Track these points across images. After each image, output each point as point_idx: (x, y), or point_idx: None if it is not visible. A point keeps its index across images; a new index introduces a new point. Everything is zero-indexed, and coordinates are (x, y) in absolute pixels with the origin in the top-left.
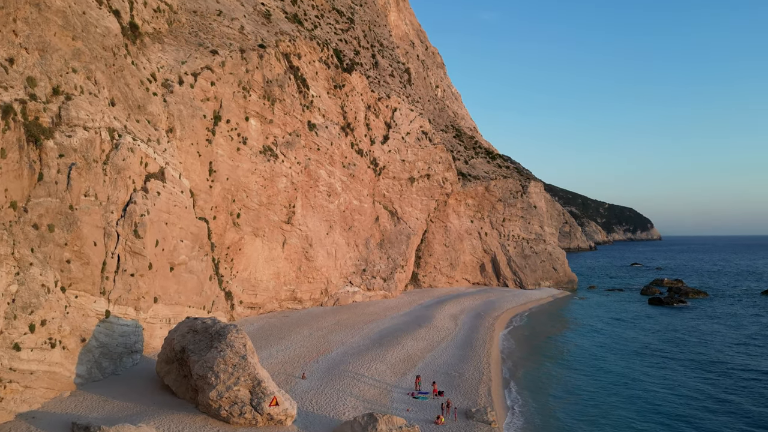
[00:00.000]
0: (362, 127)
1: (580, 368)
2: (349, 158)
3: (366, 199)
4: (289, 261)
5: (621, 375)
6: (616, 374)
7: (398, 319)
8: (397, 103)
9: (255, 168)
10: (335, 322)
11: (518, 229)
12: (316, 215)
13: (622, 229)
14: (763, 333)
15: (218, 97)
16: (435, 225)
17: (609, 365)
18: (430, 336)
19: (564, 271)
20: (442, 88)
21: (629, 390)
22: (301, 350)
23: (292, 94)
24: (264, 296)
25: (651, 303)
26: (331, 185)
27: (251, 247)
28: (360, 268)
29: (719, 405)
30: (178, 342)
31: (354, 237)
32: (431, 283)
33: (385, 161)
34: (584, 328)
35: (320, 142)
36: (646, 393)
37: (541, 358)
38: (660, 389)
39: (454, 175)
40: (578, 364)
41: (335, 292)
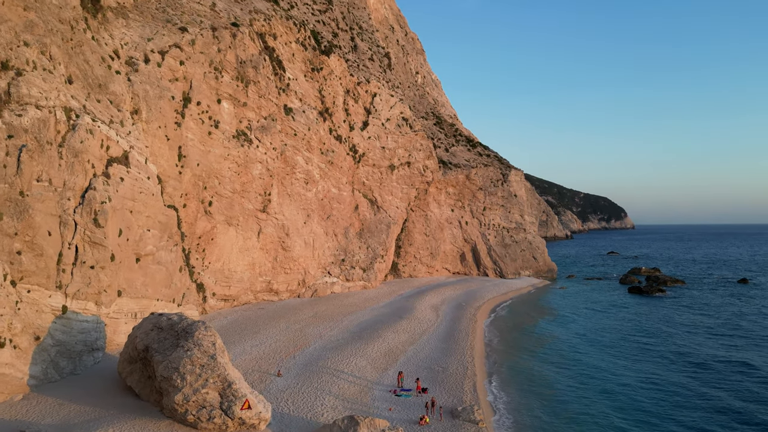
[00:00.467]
0: (341, 113)
1: (563, 362)
2: (328, 144)
3: (345, 187)
4: (265, 251)
5: (602, 369)
6: (598, 368)
7: (378, 310)
8: (377, 88)
9: (228, 153)
10: (313, 314)
11: (498, 218)
12: (293, 203)
13: (596, 218)
14: (741, 324)
15: (188, 78)
16: (415, 214)
17: (591, 358)
18: (412, 328)
19: (544, 260)
20: (422, 74)
21: (612, 384)
22: (277, 345)
23: (267, 76)
24: (238, 288)
25: (630, 292)
26: (308, 172)
27: (224, 236)
28: (339, 258)
29: (702, 400)
30: (141, 340)
31: (332, 226)
32: (411, 273)
33: (365, 148)
34: (565, 319)
35: (297, 127)
36: (628, 388)
37: (525, 351)
38: (642, 384)
39: (434, 163)
40: (561, 358)
41: (313, 283)
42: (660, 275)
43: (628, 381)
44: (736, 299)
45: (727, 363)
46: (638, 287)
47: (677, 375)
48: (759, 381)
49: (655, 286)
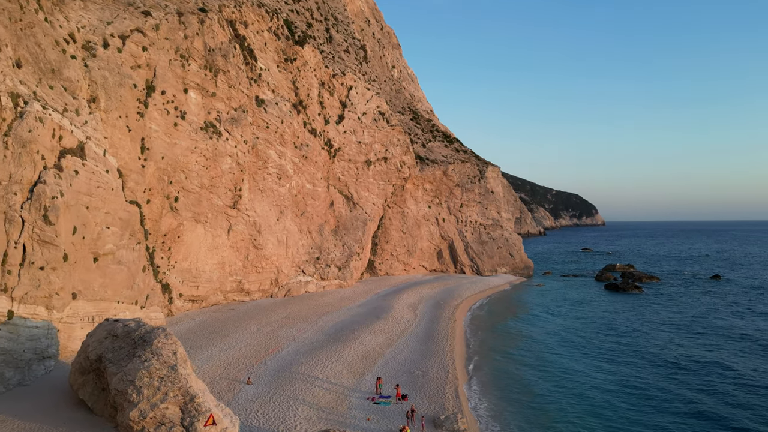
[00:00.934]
0: (315, 105)
1: (542, 364)
2: (302, 138)
3: (320, 182)
4: (235, 249)
5: (581, 372)
6: (577, 371)
7: (354, 310)
8: (353, 81)
9: (195, 146)
10: (286, 315)
11: (475, 215)
12: (266, 199)
13: (568, 214)
14: (717, 323)
15: (151, 65)
16: (392, 210)
17: (570, 361)
18: (390, 329)
19: (520, 257)
20: (399, 68)
21: (590, 388)
22: (248, 349)
23: (238, 65)
24: (207, 288)
25: (607, 289)
26: (281, 167)
27: (192, 234)
28: (313, 257)
29: (681, 404)
30: (93, 349)
31: (307, 223)
32: (388, 271)
33: (341, 142)
34: (543, 318)
35: (269, 119)
36: (607, 393)
37: (505, 353)
38: (620, 387)
39: (412, 158)
40: (541, 360)
41: (286, 282)
42: (635, 272)
43: (606, 385)
44: (710, 296)
45: (704, 364)
46: (615, 284)
47: (655, 377)
48: (736, 383)
49: (631, 283)
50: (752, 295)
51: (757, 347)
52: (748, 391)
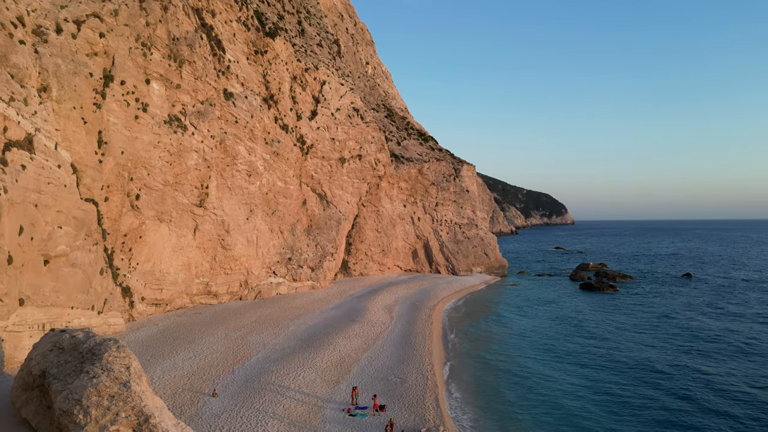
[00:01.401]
0: (287, 100)
1: (521, 371)
2: (273, 134)
3: (292, 180)
4: (202, 250)
5: (559, 379)
6: (554, 379)
7: (328, 313)
8: (326, 75)
9: (158, 140)
10: (256, 319)
11: (451, 214)
12: (234, 198)
13: (539, 213)
14: (692, 324)
15: (110, 53)
16: (367, 209)
17: (548, 368)
18: (365, 332)
19: (495, 256)
20: (373, 65)
21: (567, 397)
22: (214, 357)
23: (205, 56)
24: (172, 291)
25: (582, 289)
26: (251, 164)
27: (155, 234)
28: (285, 257)
29: (660, 411)
30: (37, 363)
31: (278, 222)
32: (362, 271)
33: (313, 139)
34: (520, 321)
35: (238, 113)
36: (586, 401)
37: (485, 358)
38: (597, 394)
39: (387, 156)
40: (519, 366)
41: (257, 284)
42: (608, 271)
43: (583, 392)
44: (684, 296)
45: (681, 368)
46: (589, 284)
47: (633, 382)
48: (712, 388)
49: (605, 283)
50: (724, 295)
51: (732, 349)
52: (724, 396)
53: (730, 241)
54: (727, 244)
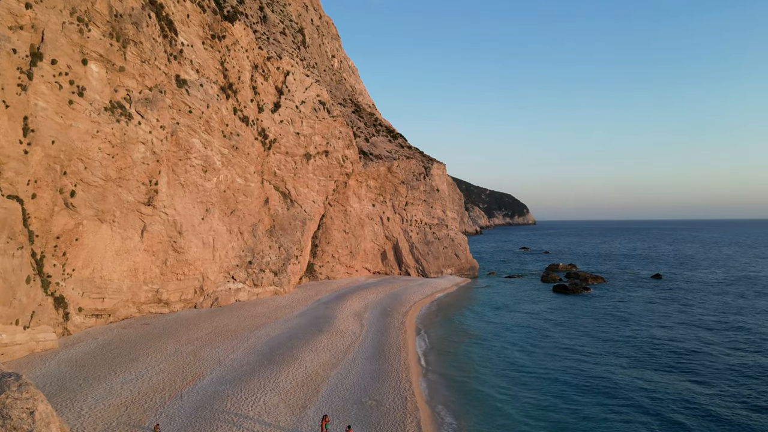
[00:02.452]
0: (248, 91)
1: (507, 385)
2: (232, 126)
3: (253, 177)
4: (151, 253)
5: (548, 393)
6: (543, 391)
7: (293, 321)
8: (290, 65)
9: (97, 129)
10: (212, 330)
11: (421, 214)
12: (188, 195)
13: (501, 213)
14: (674, 327)
15: (38, 27)
16: (334, 209)
17: (536, 380)
18: (334, 344)
19: (466, 257)
20: (339, 59)
21: (561, 414)
22: (160, 378)
23: (153, 37)
24: (115, 300)
25: (555, 291)
26: (207, 158)
27: (95, 236)
28: (245, 260)
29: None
30: None
31: (238, 223)
32: (329, 275)
33: (276, 133)
34: (497, 326)
35: (193, 103)
36: (575, 416)
37: (465, 370)
38: (588, 408)
39: (355, 153)
40: (505, 378)
41: (213, 290)
42: (580, 272)
43: (576, 407)
44: (659, 298)
45: (669, 379)
46: (563, 286)
47: (625, 406)
48: (700, 411)
49: (579, 285)
50: (696, 296)
51: (719, 368)
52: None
53: (685, 241)
54: (686, 243)
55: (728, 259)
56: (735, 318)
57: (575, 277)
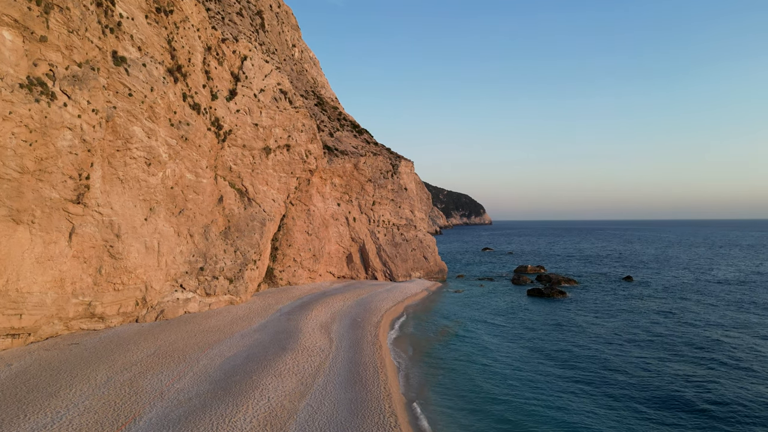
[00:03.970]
0: (199, 75)
1: (502, 412)
2: (180, 114)
3: (205, 172)
4: (82, 260)
5: (549, 418)
6: (543, 417)
7: (251, 337)
8: (248, 50)
9: (10, 110)
10: (155, 350)
11: (388, 214)
12: (128, 192)
13: (459, 214)
14: (659, 332)
15: None
16: (296, 208)
17: (531, 404)
18: (301, 365)
19: (434, 259)
20: (300, 49)
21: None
22: (83, 422)
23: (85, 5)
24: (36, 316)
25: (530, 295)
26: (151, 150)
27: (9, 240)
28: (196, 267)
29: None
30: None
31: (187, 224)
32: (290, 280)
33: (232, 124)
34: (481, 339)
35: (134, 85)
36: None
37: (455, 395)
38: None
39: (319, 147)
40: (499, 403)
41: (158, 301)
42: (551, 275)
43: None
44: (635, 301)
45: (667, 391)
46: (538, 289)
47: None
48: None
49: (554, 288)
50: (671, 298)
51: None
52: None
53: (638, 241)
54: (637, 244)
55: (691, 260)
56: (729, 323)
57: (547, 279)
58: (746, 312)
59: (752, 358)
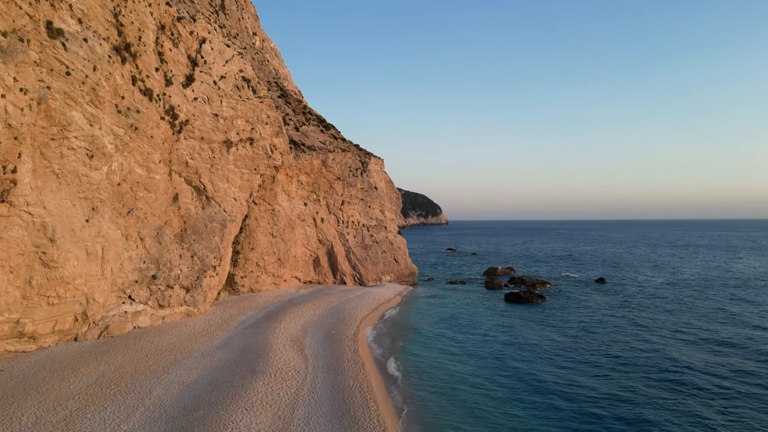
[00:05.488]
0: (152, 57)
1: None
2: (129, 100)
3: (158, 167)
4: (8, 270)
5: None
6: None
7: (214, 356)
8: (207, 31)
9: None
10: (97, 378)
11: (358, 214)
12: (65, 189)
13: (416, 213)
14: (648, 337)
15: None
16: (259, 208)
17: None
18: (275, 393)
19: (405, 262)
20: (261, 38)
21: None
22: None
23: None
24: None
25: (508, 300)
26: (94, 140)
27: None
28: (147, 274)
29: None
30: None
31: (137, 225)
32: (252, 287)
33: (189, 113)
34: (473, 353)
35: (73, 62)
36: None
37: (453, 421)
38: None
39: (285, 142)
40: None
41: (102, 315)
42: (525, 277)
43: None
44: (619, 307)
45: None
46: (516, 294)
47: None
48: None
49: (533, 293)
50: (650, 301)
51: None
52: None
53: (599, 241)
54: (598, 244)
55: (657, 261)
56: (719, 328)
57: (520, 282)
58: (735, 308)
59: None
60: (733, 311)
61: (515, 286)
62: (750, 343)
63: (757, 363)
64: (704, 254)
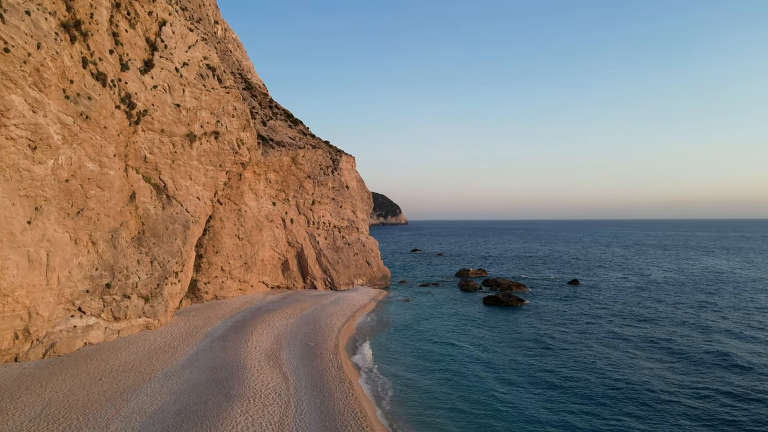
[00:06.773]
0: (105, 37)
1: None
2: (79, 85)
3: (112, 162)
4: None
5: None
6: None
7: (180, 377)
8: (168, 13)
9: None
10: (41, 410)
11: (329, 215)
12: (3, 185)
13: (375, 213)
14: (639, 343)
15: None
16: (225, 208)
17: None
18: (257, 424)
19: (377, 265)
20: (223, 27)
21: None
22: None
23: None
24: None
25: (487, 304)
26: (38, 129)
27: None
28: (100, 283)
29: None
30: None
31: (89, 227)
32: (217, 293)
33: (148, 102)
34: (464, 363)
35: (13, 37)
36: None
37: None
38: None
39: (252, 137)
40: None
41: (48, 332)
42: (500, 280)
43: None
44: (600, 309)
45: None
46: (495, 297)
47: None
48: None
49: (511, 296)
50: (629, 303)
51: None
52: None
53: (556, 241)
54: (555, 244)
55: (624, 261)
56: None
57: (495, 284)
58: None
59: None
60: (708, 316)
61: (491, 289)
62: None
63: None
64: (653, 253)
